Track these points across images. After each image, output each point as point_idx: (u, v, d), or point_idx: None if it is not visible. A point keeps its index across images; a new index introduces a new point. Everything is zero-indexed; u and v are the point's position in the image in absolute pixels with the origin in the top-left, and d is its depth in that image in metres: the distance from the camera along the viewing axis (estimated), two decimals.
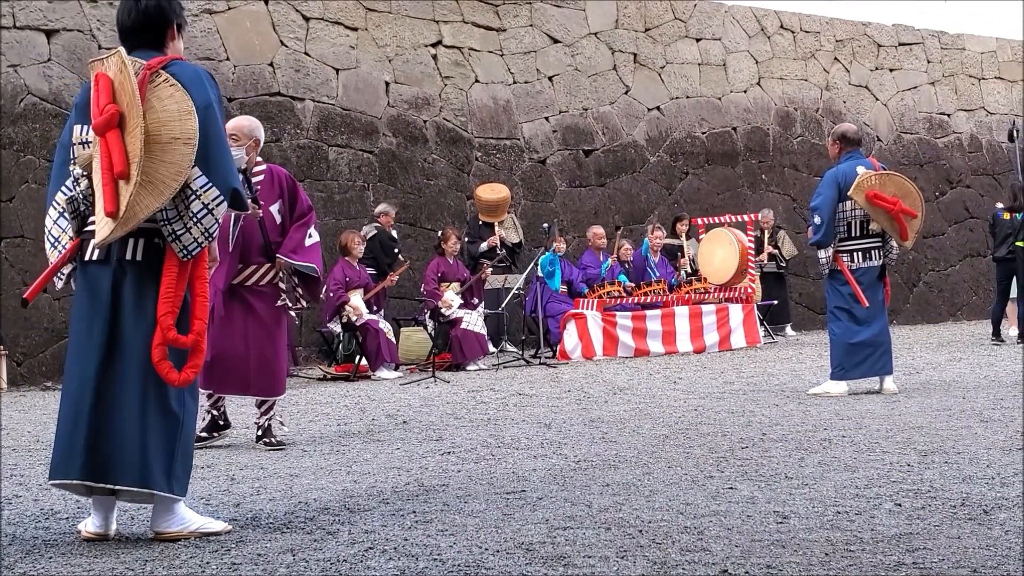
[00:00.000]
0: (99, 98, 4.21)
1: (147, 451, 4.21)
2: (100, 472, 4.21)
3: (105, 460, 4.20)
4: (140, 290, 4.27)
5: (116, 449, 4.20)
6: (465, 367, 12.44)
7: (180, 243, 4.22)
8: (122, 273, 4.28)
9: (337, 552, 4.00)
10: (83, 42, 12.94)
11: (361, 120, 14.93)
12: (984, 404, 7.87)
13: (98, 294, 4.29)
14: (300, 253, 6.91)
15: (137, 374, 4.23)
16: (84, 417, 4.21)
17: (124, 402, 4.22)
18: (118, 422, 4.21)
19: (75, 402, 4.25)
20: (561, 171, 16.59)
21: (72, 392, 4.28)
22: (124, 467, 4.20)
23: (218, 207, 4.26)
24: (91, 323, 4.27)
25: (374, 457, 6.29)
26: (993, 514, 4.32)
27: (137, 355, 4.23)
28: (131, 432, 4.20)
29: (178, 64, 4.35)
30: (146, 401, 4.23)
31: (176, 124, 4.18)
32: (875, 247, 8.88)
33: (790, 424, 7.11)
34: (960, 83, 21.43)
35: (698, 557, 3.79)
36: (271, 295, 6.89)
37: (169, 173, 4.16)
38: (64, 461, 4.23)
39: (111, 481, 4.22)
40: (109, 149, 4.15)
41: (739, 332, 14.63)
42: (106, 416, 4.21)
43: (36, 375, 12.00)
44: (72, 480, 4.24)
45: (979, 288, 20.18)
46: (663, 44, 18.06)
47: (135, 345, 4.24)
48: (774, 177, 18.79)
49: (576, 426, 7.35)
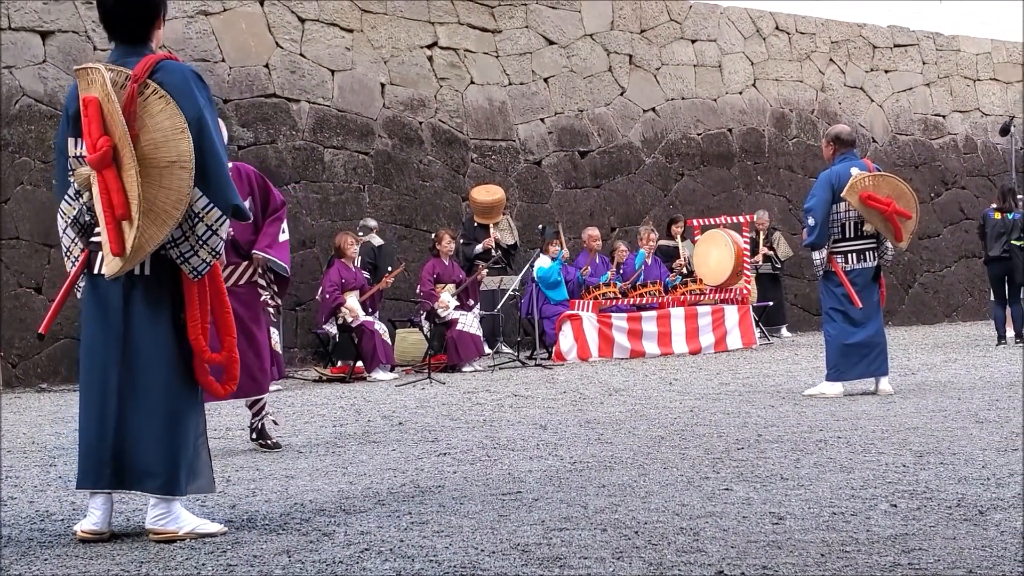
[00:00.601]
0: (91, 128, 4.18)
1: (173, 457, 4.30)
2: (128, 480, 4.30)
3: (132, 468, 4.28)
4: (151, 303, 4.33)
5: (142, 457, 4.29)
6: (461, 368, 12.43)
7: (189, 265, 4.30)
8: (132, 287, 4.33)
9: (333, 553, 4.00)
10: (78, 43, 12.93)
11: (357, 121, 14.93)
12: (980, 405, 7.88)
13: (110, 307, 4.33)
14: (275, 248, 6.86)
15: (158, 384, 4.31)
16: (110, 428, 4.28)
17: (146, 411, 4.30)
18: (143, 431, 4.29)
19: (99, 414, 4.31)
20: (557, 172, 16.59)
21: (93, 404, 4.34)
22: (150, 474, 4.28)
23: (221, 227, 4.32)
24: (106, 336, 4.33)
25: (370, 458, 6.29)
26: (989, 515, 4.33)
27: (155, 364, 4.31)
28: (154, 439, 4.29)
29: (164, 67, 4.26)
30: (166, 408, 4.32)
31: (171, 145, 4.17)
32: (870, 248, 8.90)
33: (786, 425, 7.12)
34: (955, 84, 21.45)
35: (694, 558, 3.80)
36: (248, 294, 6.80)
37: (170, 201, 4.18)
38: (93, 471, 4.31)
39: (139, 488, 4.32)
40: (108, 188, 4.16)
41: (735, 333, 14.63)
42: (130, 425, 4.29)
43: (31, 377, 11.99)
44: (103, 490, 4.31)
45: (974, 289, 20.19)
46: (658, 45, 18.07)
47: (152, 355, 4.31)
48: (770, 178, 18.80)
49: (572, 427, 7.35)
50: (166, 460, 4.28)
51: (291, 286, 7.29)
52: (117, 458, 4.27)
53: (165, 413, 4.31)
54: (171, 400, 4.33)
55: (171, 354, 4.34)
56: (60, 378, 11.98)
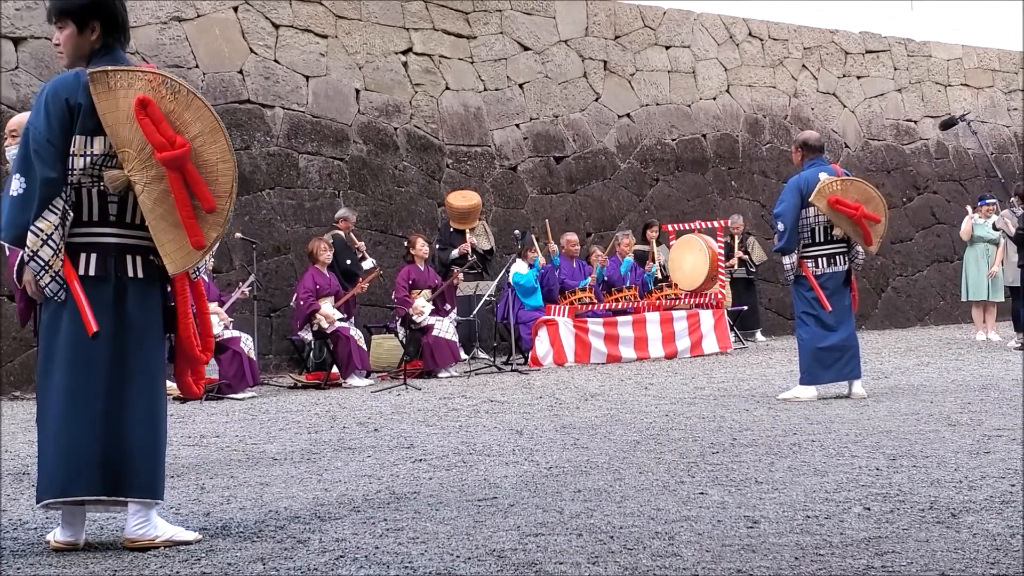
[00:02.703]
0: (159, 127, 4.17)
1: (156, 462, 4.31)
2: (114, 486, 4.23)
3: (119, 473, 4.23)
4: (143, 306, 4.32)
5: (129, 462, 4.25)
6: (437, 374, 12.42)
7: None
8: (123, 289, 4.29)
9: (308, 561, 3.99)
10: (51, 50, 12.84)
11: (331, 127, 14.91)
12: (952, 408, 7.93)
13: (100, 309, 4.23)
14: None
15: (145, 388, 4.30)
16: (99, 432, 4.21)
17: (135, 415, 4.27)
18: (131, 435, 4.25)
19: (86, 418, 4.21)
20: (532, 178, 16.61)
21: (80, 407, 4.21)
22: (136, 479, 4.25)
23: None
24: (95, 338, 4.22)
25: (345, 465, 6.28)
26: (961, 517, 4.36)
27: (145, 368, 4.30)
28: (143, 444, 4.27)
29: None
30: (152, 413, 4.32)
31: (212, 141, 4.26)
32: (840, 252, 8.96)
33: (760, 429, 7.15)
34: (927, 90, 21.61)
35: (669, 562, 3.81)
36: None
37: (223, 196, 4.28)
38: (79, 477, 4.20)
39: (124, 494, 4.25)
40: (189, 182, 4.20)
41: (710, 338, 14.68)
42: (119, 430, 4.24)
43: (4, 384, 11.90)
44: (92, 496, 4.23)
45: (946, 293, 20.33)
46: (633, 51, 18.13)
47: (141, 358, 4.29)
48: (743, 183, 18.88)
49: (548, 432, 7.36)
50: (152, 464, 4.28)
51: (264, 292, 7.23)
52: (106, 463, 4.20)
53: (153, 417, 4.31)
54: (158, 404, 4.34)
55: (160, 357, 4.36)
56: (32, 386, 11.87)
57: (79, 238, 4.26)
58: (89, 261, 4.26)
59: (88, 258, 4.26)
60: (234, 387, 10.76)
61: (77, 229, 4.26)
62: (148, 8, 13.66)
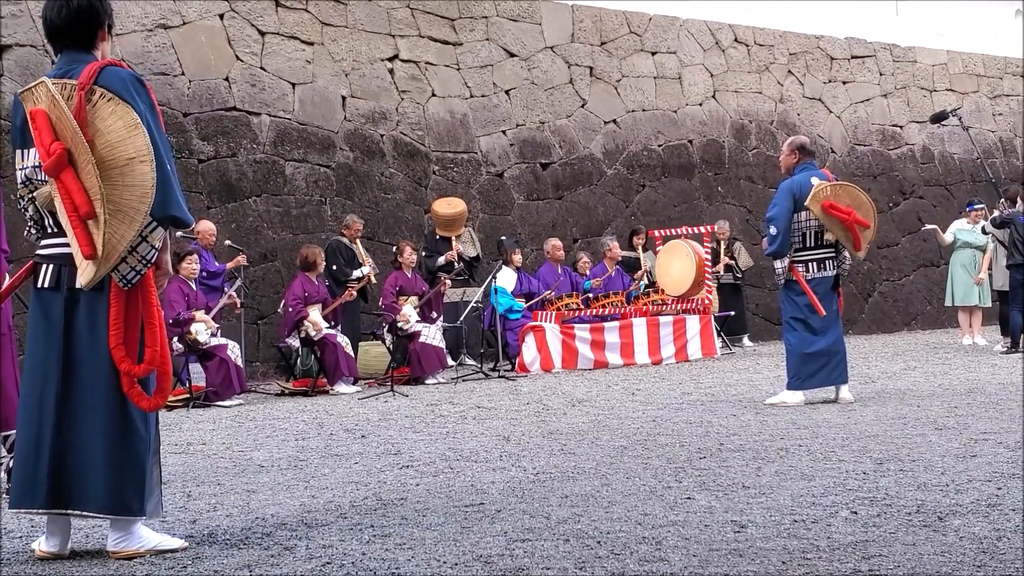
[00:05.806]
0: (41, 137, 4.14)
1: (117, 476, 4.17)
2: (64, 500, 4.17)
3: (70, 487, 4.16)
4: (92, 316, 4.23)
5: (81, 476, 4.17)
6: (424, 381, 12.41)
7: (118, 272, 4.19)
8: (73, 300, 4.25)
9: (295, 567, 3.98)
10: (36, 57, 12.82)
11: (318, 134, 14.89)
12: (938, 412, 7.95)
13: (51, 320, 4.25)
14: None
15: (100, 399, 4.19)
16: (46, 445, 4.16)
17: (88, 428, 4.19)
18: (82, 449, 4.17)
19: (35, 430, 4.20)
20: (519, 184, 16.61)
21: (31, 420, 4.22)
22: (90, 493, 4.16)
23: (152, 233, 4.20)
24: (47, 349, 4.24)
25: (332, 472, 6.27)
26: (948, 521, 4.37)
27: (98, 380, 4.20)
28: (97, 458, 4.17)
29: (106, 72, 4.20)
30: (111, 426, 4.19)
31: (128, 143, 4.13)
32: (829, 257, 8.98)
33: (747, 434, 7.16)
34: (912, 95, 21.69)
35: (656, 567, 3.81)
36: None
37: (135, 197, 4.13)
38: (27, 490, 4.19)
39: (76, 507, 4.18)
40: (68, 190, 4.11)
41: (696, 343, 14.70)
42: (69, 443, 4.17)
43: None
44: (36, 510, 4.22)
45: (932, 298, 20.39)
46: (619, 58, 18.16)
47: (94, 370, 4.20)
48: (730, 189, 18.92)
49: (535, 438, 7.36)
50: (111, 480, 4.16)
51: (251, 299, 7.12)
52: (54, 477, 4.14)
53: (109, 431, 4.18)
54: (116, 417, 4.19)
55: (114, 370, 4.20)
56: None
57: (42, 250, 4.34)
58: (46, 273, 4.28)
59: (46, 270, 4.29)
60: (221, 394, 10.74)
61: (42, 241, 4.35)
62: (133, 15, 13.64)
